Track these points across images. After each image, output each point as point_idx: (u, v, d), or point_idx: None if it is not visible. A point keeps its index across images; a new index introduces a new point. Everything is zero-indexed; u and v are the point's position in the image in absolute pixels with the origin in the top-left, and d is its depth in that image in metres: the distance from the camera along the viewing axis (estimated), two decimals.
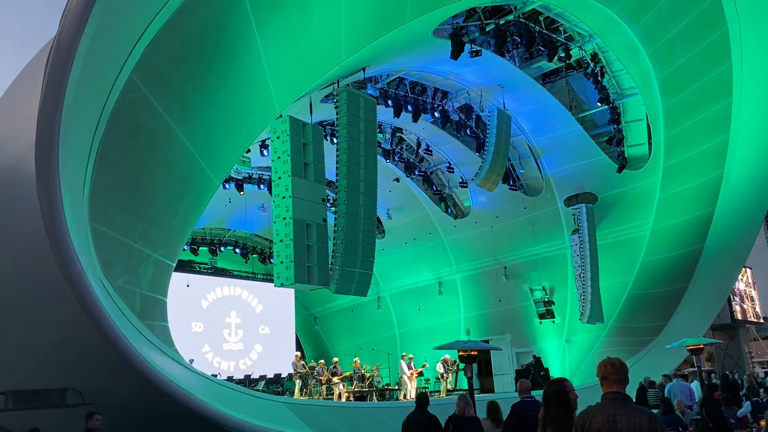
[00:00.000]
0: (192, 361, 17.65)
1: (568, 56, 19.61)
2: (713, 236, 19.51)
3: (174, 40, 9.05)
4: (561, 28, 19.36)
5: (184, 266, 24.57)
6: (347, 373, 19.65)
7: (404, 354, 20.72)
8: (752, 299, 37.38)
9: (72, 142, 7.22)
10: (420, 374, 20.69)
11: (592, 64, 20.02)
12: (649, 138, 20.95)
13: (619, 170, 21.35)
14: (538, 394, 8.02)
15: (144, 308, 10.62)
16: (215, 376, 18.19)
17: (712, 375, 19.76)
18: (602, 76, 20.24)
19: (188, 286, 24.06)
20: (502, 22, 18.14)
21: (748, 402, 12.87)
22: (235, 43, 10.52)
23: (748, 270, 37.06)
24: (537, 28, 18.64)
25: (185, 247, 24.52)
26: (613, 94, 20.86)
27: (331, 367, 19.44)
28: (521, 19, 18.25)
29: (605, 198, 22.53)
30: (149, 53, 8.48)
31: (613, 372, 4.00)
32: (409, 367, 20.14)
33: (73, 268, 6.97)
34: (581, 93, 22.44)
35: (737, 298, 34.39)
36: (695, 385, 14.77)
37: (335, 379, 18.90)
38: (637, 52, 18.37)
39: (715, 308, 21.84)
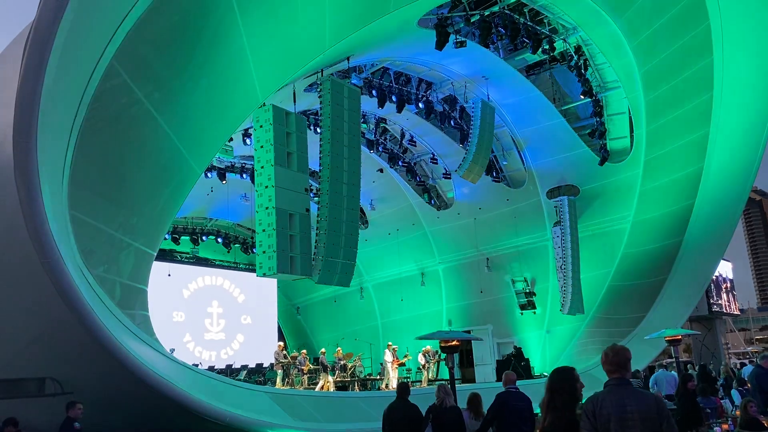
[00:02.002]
0: (173, 350, 17.54)
1: (552, 48, 19.68)
2: (693, 229, 19.77)
3: (156, 27, 8.93)
4: (545, 21, 19.39)
5: (166, 255, 24.39)
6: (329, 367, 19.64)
7: (390, 344, 20.80)
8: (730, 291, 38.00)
9: (51, 129, 7.11)
10: (402, 364, 20.77)
11: (575, 57, 20.09)
12: (631, 131, 21.12)
13: (601, 163, 21.51)
14: (520, 385, 8.17)
15: (124, 297, 10.53)
16: (196, 365, 18.11)
17: (689, 366, 20.07)
18: (585, 69, 20.33)
19: (169, 275, 23.90)
20: (487, 13, 18.12)
21: (736, 392, 13.11)
22: (218, 31, 10.41)
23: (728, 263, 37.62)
24: (521, 20, 18.64)
25: (166, 236, 24.34)
26: (596, 87, 20.98)
27: (321, 358, 19.45)
28: (506, 11, 18.24)
29: (587, 190, 22.70)
30: (131, 39, 8.36)
31: (605, 361, 4.18)
32: (393, 357, 20.23)
33: (52, 256, 6.88)
34: (564, 85, 22.54)
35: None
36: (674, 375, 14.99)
37: (329, 368, 18.92)
38: (620, 46, 18.47)
39: (694, 300, 22.17)
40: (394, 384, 18.98)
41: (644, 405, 3.95)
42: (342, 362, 19.97)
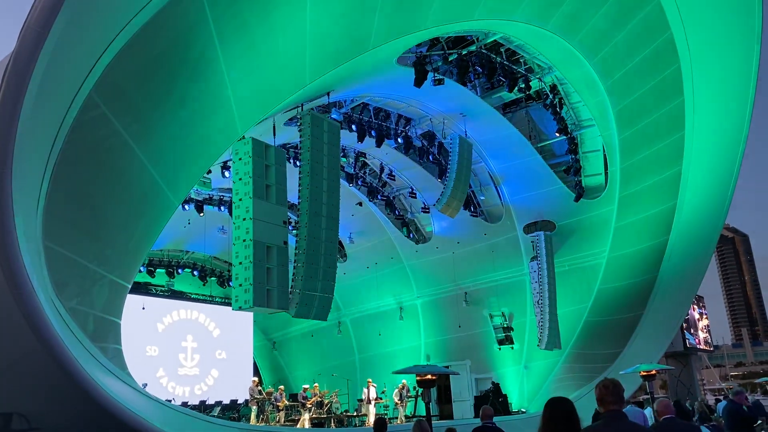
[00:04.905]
0: (145, 385, 17.18)
1: (528, 87, 20.09)
2: (667, 265, 20.02)
3: (136, 59, 8.97)
4: (521, 60, 19.84)
5: (140, 288, 24.08)
6: (312, 400, 19.39)
7: (369, 380, 20.63)
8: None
9: (27, 160, 7.07)
10: (379, 401, 20.55)
11: (551, 96, 20.53)
12: (606, 168, 21.49)
13: (577, 199, 21.82)
14: (498, 421, 8.15)
15: (97, 330, 10.33)
16: (169, 401, 17.73)
17: None
18: (561, 108, 20.76)
19: (144, 308, 23.53)
20: (464, 52, 18.52)
21: (705, 428, 13.13)
22: (199, 64, 10.48)
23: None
24: (498, 59, 19.07)
25: (142, 269, 24.05)
26: (571, 125, 21.39)
27: (301, 393, 19.22)
28: (483, 50, 18.65)
29: (563, 226, 22.96)
30: (110, 71, 8.39)
31: (607, 393, 4.19)
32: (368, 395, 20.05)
33: (24, 287, 6.78)
34: (540, 123, 22.96)
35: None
36: (648, 412, 14.99)
37: (308, 404, 18.67)
38: (594, 85, 18.91)
39: (669, 336, 22.34)
40: (371, 420, 18.75)
41: None
42: (317, 398, 19.69)
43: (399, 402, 20.49)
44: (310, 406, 18.75)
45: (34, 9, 6.78)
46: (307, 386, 19.91)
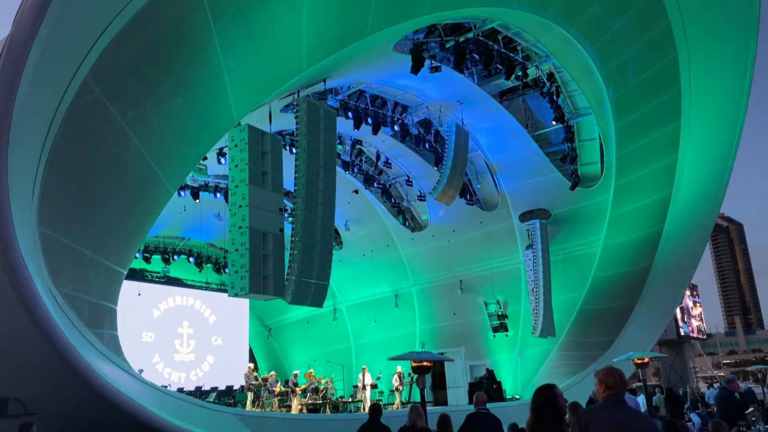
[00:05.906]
0: (141, 371, 17.24)
1: (525, 75, 20.01)
2: (661, 254, 20.12)
3: (132, 45, 8.93)
4: (519, 48, 19.75)
5: (136, 274, 24.07)
6: (304, 386, 19.48)
7: (364, 367, 20.77)
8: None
9: (22, 146, 7.05)
10: (374, 386, 20.69)
11: (548, 84, 20.48)
12: (602, 157, 21.51)
13: (572, 188, 21.84)
14: (492, 407, 8.22)
15: (93, 316, 10.35)
16: (165, 387, 17.81)
17: (656, 389, 20.27)
18: (557, 96, 20.71)
19: (139, 294, 23.57)
20: (461, 39, 18.43)
21: (696, 415, 13.30)
22: (195, 50, 10.44)
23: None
24: (495, 47, 18.98)
25: (137, 255, 24.03)
26: (567, 114, 21.35)
27: (291, 378, 19.30)
28: (480, 37, 18.57)
29: (558, 214, 23.02)
30: (106, 57, 8.35)
31: (615, 381, 4.37)
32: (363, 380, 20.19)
33: (20, 273, 6.78)
34: (537, 111, 22.92)
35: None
36: (641, 399, 15.15)
37: (298, 390, 18.78)
38: (591, 73, 18.88)
39: (662, 324, 22.49)
40: (367, 405, 18.89)
41: (638, 422, 4.18)
42: (312, 384, 19.79)
43: (398, 386, 20.67)
44: (299, 392, 18.83)
45: None
46: (297, 372, 19.99)
